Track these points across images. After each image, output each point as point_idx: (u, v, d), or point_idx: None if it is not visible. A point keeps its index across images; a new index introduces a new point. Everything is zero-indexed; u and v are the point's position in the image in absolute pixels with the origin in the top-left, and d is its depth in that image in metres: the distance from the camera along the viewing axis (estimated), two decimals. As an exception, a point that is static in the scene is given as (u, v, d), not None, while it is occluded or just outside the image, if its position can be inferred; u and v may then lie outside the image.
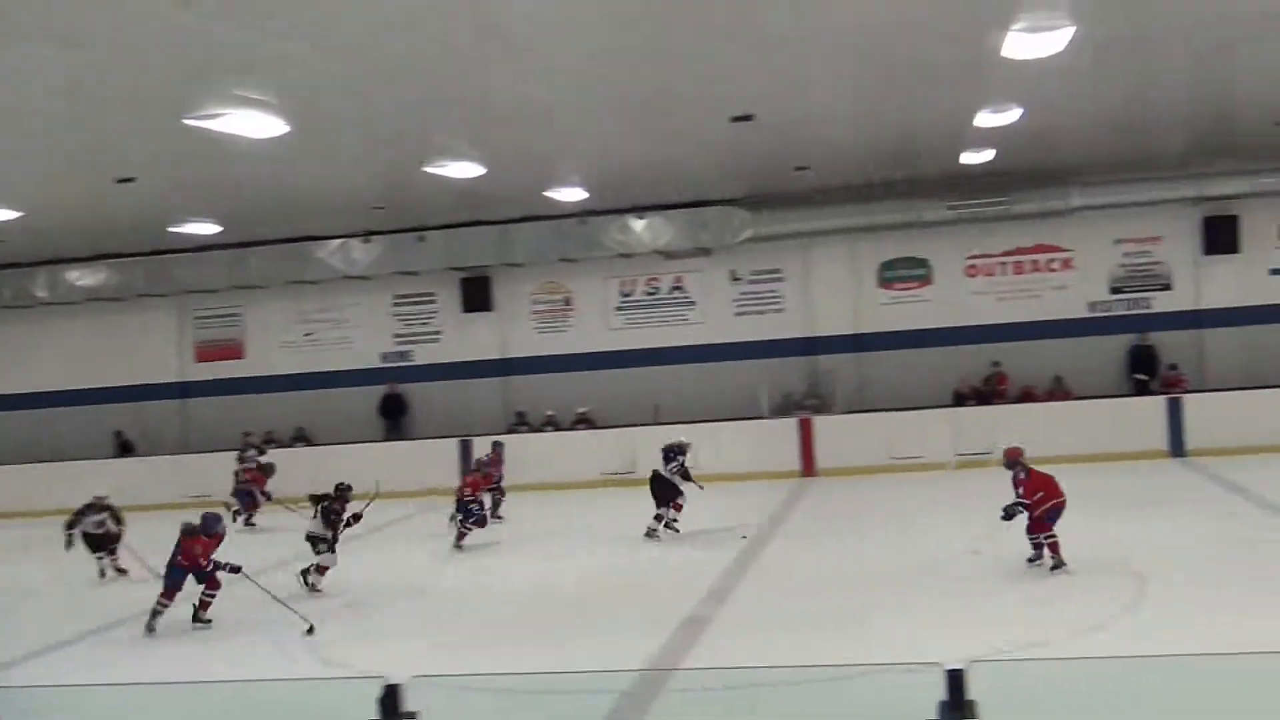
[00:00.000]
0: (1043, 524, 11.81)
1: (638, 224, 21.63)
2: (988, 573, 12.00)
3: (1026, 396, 21.30)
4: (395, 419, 24.07)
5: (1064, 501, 11.84)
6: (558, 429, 22.14)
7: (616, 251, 21.94)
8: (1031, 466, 12.09)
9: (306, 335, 24.91)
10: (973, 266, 22.40)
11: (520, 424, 22.90)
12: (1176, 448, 19.44)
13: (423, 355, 24.43)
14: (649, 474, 15.34)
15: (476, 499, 15.43)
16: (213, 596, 11.76)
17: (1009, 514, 11.92)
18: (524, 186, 18.59)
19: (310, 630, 11.04)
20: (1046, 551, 11.83)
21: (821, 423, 20.75)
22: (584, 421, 22.38)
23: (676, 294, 23.50)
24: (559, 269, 23.34)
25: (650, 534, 15.06)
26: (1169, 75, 13.96)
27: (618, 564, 14.16)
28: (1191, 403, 19.73)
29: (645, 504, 15.10)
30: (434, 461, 20.91)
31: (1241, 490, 15.82)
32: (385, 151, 15.56)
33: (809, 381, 22.39)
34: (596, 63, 11.65)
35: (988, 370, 21.77)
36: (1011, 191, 20.55)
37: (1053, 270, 22.17)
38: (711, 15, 10.28)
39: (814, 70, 12.57)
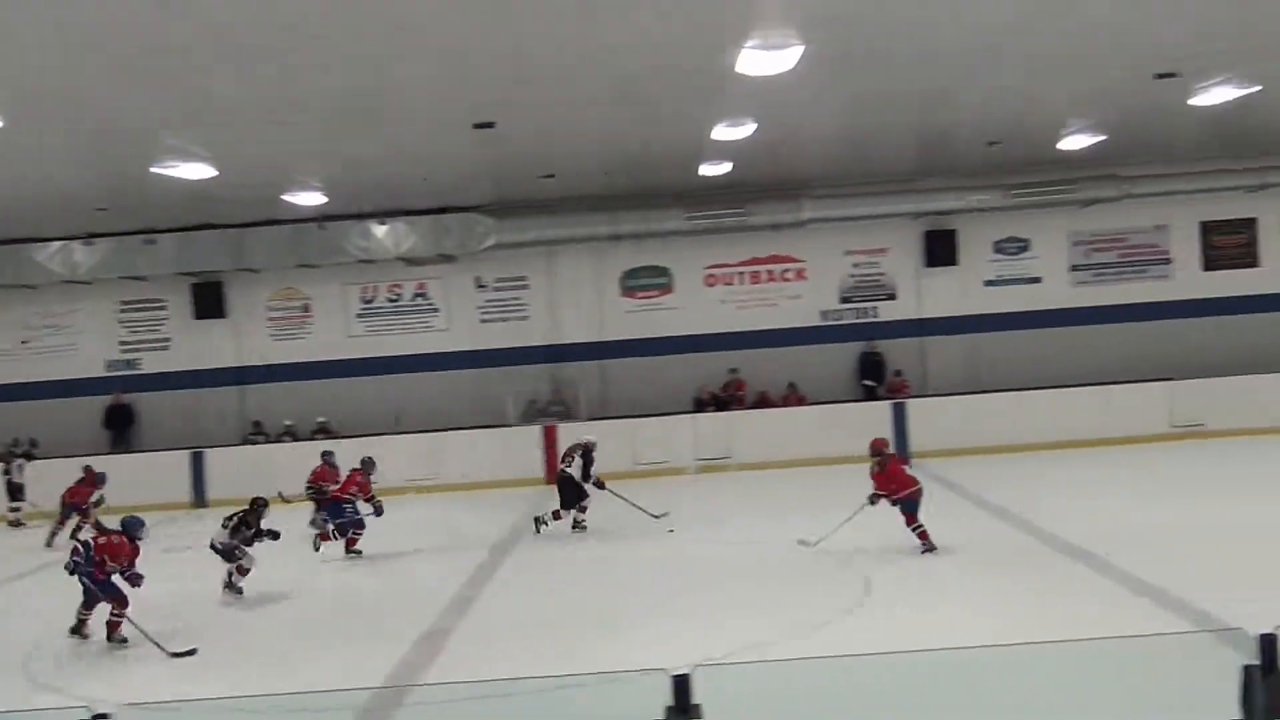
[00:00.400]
0: (908, 515, 12.63)
1: (380, 230, 21.27)
2: (725, 575, 12.34)
3: (763, 402, 22.03)
4: (122, 430, 22.94)
5: (918, 490, 12.71)
6: (296, 439, 21.51)
7: (357, 258, 21.54)
8: (893, 458, 13.08)
9: (24, 343, 23.47)
10: (712, 276, 22.99)
11: (257, 434, 22.19)
12: (901, 449, 20.34)
13: (152, 363, 23.35)
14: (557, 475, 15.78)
15: (353, 502, 14.69)
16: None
17: (877, 500, 12.71)
18: (259, 189, 17.97)
19: (192, 652, 10.53)
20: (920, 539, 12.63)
21: (566, 430, 20.83)
22: (323, 431, 21.81)
23: (420, 301, 23.24)
24: (297, 275, 22.74)
25: (538, 523, 15.38)
26: (891, 95, 14.64)
27: (357, 578, 13.88)
28: (914, 407, 20.77)
29: (384, 516, 14.76)
30: (163, 474, 20.02)
31: (957, 488, 16.77)
32: (108, 150, 14.80)
33: (554, 388, 22.52)
34: (326, 64, 11.36)
35: (726, 377, 22.38)
36: (748, 203, 21.21)
37: (787, 280, 22.98)
38: (449, 22, 10.19)
39: (553, 81, 12.63)
